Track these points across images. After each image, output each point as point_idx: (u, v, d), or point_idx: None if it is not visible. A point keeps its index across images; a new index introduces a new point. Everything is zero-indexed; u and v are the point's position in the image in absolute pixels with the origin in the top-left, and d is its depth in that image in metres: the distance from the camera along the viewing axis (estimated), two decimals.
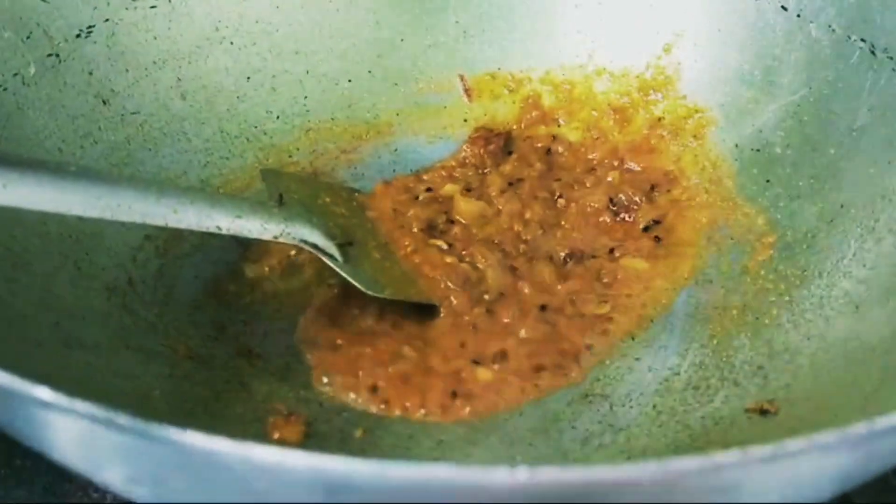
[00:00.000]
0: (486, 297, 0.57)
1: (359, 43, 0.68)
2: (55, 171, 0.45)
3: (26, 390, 0.33)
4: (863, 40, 0.58)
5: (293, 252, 0.58)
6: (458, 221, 0.62)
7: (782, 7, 0.61)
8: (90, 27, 0.60)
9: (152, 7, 0.63)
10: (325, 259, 0.55)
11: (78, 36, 0.59)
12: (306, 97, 0.67)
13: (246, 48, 0.66)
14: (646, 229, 0.61)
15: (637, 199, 0.62)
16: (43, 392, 0.32)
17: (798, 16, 0.61)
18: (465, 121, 0.68)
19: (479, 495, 0.30)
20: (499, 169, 0.65)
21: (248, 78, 0.66)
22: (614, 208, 0.62)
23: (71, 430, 0.35)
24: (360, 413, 0.51)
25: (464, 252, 0.59)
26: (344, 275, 0.55)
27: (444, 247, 0.60)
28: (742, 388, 0.51)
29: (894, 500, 0.51)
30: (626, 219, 0.62)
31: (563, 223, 0.62)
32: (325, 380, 0.53)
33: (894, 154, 0.55)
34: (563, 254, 0.59)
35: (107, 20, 0.61)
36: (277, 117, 0.66)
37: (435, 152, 0.67)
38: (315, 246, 0.55)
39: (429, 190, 0.64)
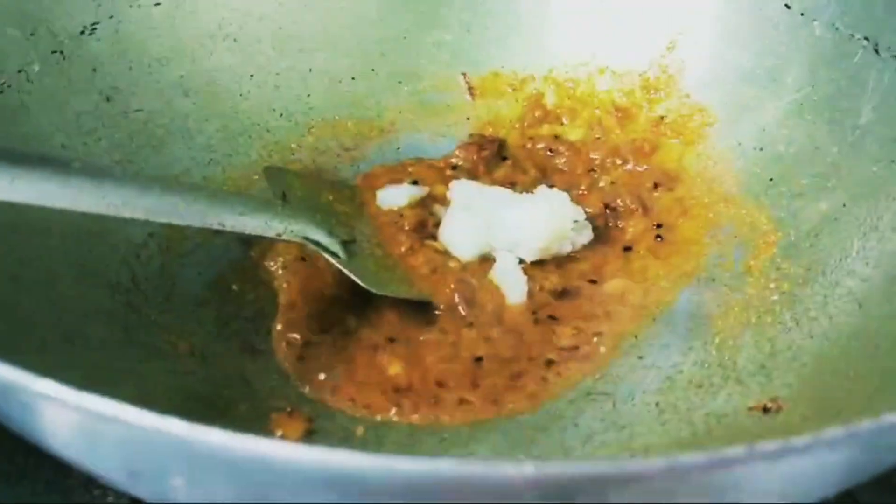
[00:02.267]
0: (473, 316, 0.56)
1: (362, 41, 0.68)
2: (60, 168, 0.45)
3: (31, 385, 0.33)
4: (866, 39, 0.58)
5: (296, 249, 0.58)
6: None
7: (786, 5, 0.62)
8: (94, 24, 0.60)
9: (156, 4, 0.63)
10: (327, 256, 0.55)
11: (82, 33, 0.60)
12: (310, 95, 0.67)
13: (250, 46, 0.66)
14: (626, 249, 0.61)
15: (633, 206, 0.62)
16: (47, 386, 0.32)
17: (801, 14, 0.61)
18: (468, 119, 0.68)
19: (483, 491, 0.30)
20: (492, 175, 0.65)
21: (252, 75, 0.66)
22: (609, 214, 0.62)
23: (74, 425, 0.35)
24: None
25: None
26: (347, 272, 0.55)
27: (441, 249, 0.60)
28: (745, 386, 0.51)
29: None
30: (619, 225, 0.62)
31: None
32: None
33: None
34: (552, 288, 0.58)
35: (111, 17, 0.61)
36: (281, 115, 0.66)
37: (438, 150, 0.67)
38: (318, 243, 0.55)
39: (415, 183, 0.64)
